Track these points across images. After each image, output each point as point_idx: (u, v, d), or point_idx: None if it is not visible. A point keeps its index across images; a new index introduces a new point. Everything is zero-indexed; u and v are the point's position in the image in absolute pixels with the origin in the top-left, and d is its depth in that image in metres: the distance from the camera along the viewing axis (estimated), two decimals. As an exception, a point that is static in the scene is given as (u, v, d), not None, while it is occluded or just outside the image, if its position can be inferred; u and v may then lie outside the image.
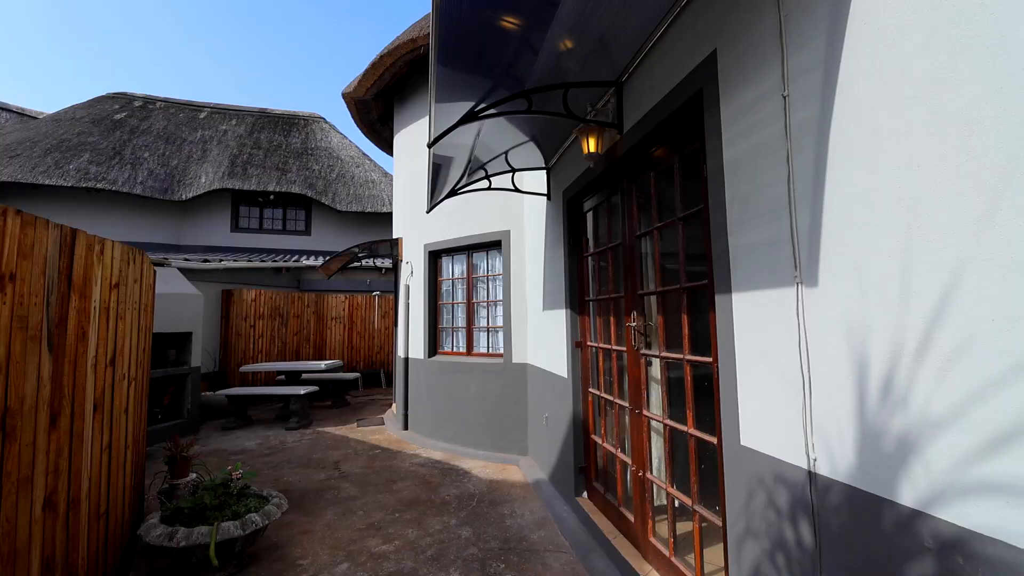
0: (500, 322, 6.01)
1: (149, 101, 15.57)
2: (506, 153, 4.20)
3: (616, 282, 3.38)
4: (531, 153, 4.47)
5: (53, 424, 2.20)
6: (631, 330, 2.95)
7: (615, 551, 3.02)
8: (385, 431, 7.25)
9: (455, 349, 6.51)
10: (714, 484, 2.22)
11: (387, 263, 12.50)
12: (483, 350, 6.19)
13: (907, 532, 1.25)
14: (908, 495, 1.25)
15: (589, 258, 3.89)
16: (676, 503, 2.58)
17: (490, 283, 6.21)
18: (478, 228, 6.14)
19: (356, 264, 11.99)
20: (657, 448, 2.90)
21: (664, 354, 2.63)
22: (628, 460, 3.09)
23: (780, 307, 1.68)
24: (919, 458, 1.23)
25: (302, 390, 7.79)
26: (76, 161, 12.06)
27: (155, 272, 4.09)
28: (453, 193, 4.36)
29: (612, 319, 3.35)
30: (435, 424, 6.40)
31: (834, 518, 1.46)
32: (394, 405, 8.27)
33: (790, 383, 1.63)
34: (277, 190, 13.75)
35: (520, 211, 5.80)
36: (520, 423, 5.56)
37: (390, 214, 14.12)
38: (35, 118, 14.07)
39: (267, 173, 14.14)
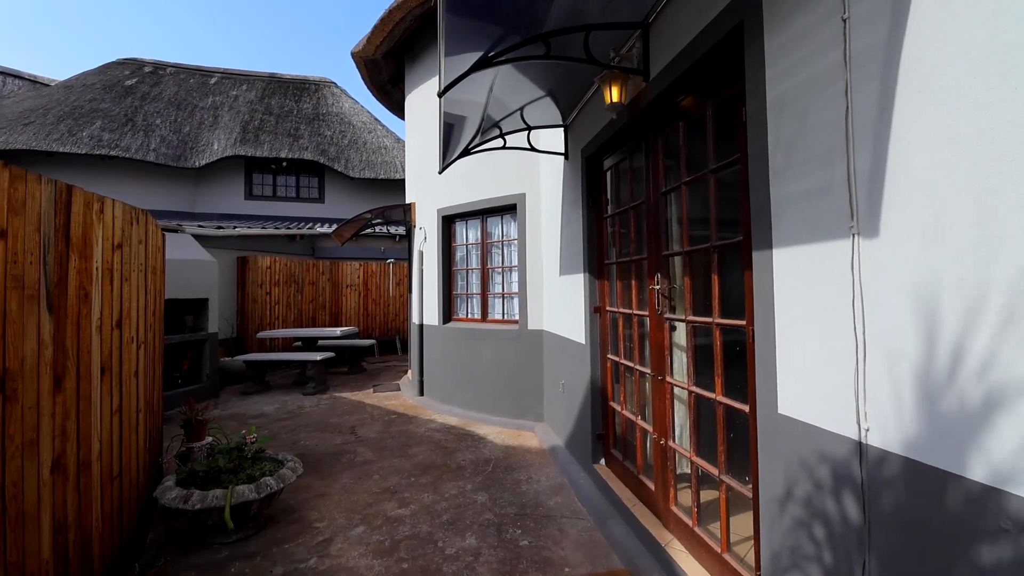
0: (515, 288, 5.88)
1: (159, 67, 15.34)
2: (521, 110, 3.97)
3: (638, 244, 3.20)
4: (548, 109, 4.23)
5: (57, 386, 2.14)
6: (655, 293, 2.79)
7: (634, 518, 2.94)
8: (401, 397, 7.28)
9: (470, 315, 6.42)
10: (743, 453, 2.10)
11: (401, 230, 12.38)
12: (498, 316, 6.09)
13: (978, 510, 1.11)
14: (980, 470, 1.11)
15: (609, 220, 3.70)
16: (700, 472, 2.47)
17: (505, 248, 6.05)
18: (492, 192, 5.94)
19: (369, 231, 11.90)
20: (680, 416, 2.78)
21: (691, 318, 2.47)
22: (649, 428, 2.98)
23: (830, 262, 1.50)
24: (995, 429, 1.07)
25: (318, 356, 7.83)
26: (89, 128, 12.01)
27: (164, 235, 4.01)
28: (466, 153, 4.16)
29: (634, 283, 3.18)
30: (451, 390, 6.38)
31: (887, 493, 1.32)
32: (409, 371, 8.29)
33: (839, 347, 1.47)
34: (289, 156, 13.60)
35: (536, 173, 5.58)
36: (536, 390, 5.50)
37: (403, 181, 13.90)
38: (47, 85, 13.99)
39: (279, 139, 13.97)
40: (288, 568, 2.80)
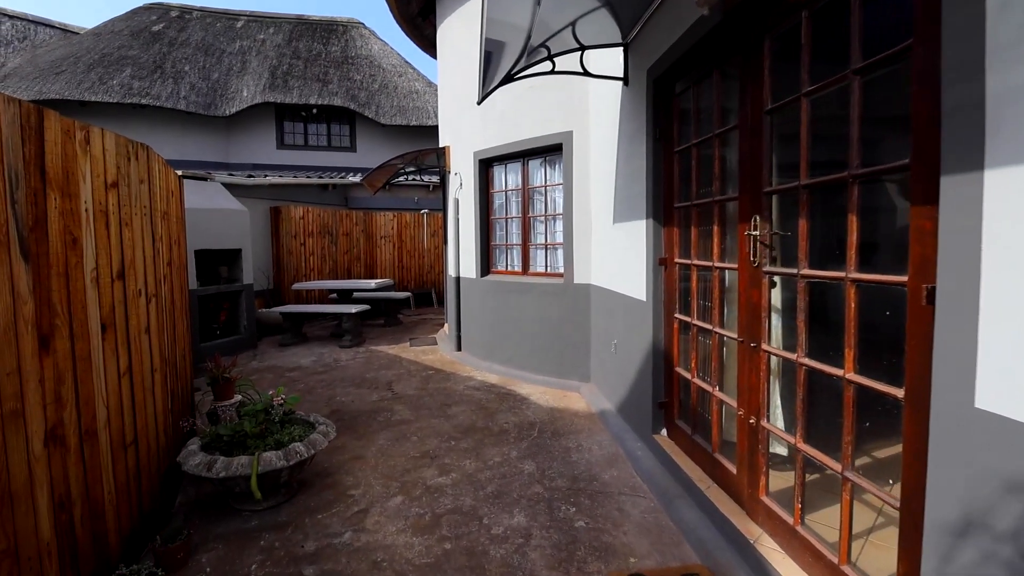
0: (560, 238, 5.36)
1: (185, 11, 14.84)
2: (573, 25, 3.32)
3: (724, 180, 2.62)
4: (604, 25, 3.56)
5: (44, 347, 1.83)
6: (750, 241, 2.24)
7: (708, 502, 2.53)
8: (438, 351, 7.02)
9: (510, 268, 5.97)
10: (882, 449, 1.61)
11: (435, 179, 11.87)
12: (540, 269, 5.61)
13: None
14: None
15: (680, 154, 3.10)
16: (806, 462, 2.00)
17: (548, 194, 5.49)
18: (535, 130, 5.32)
19: (402, 180, 11.45)
20: (780, 392, 2.30)
21: (807, 272, 1.93)
22: (731, 402, 2.51)
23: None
24: None
25: (354, 309, 7.62)
26: (119, 76, 11.78)
27: (181, 179, 3.65)
28: (509, 79, 3.56)
29: (715, 229, 2.63)
30: (489, 346, 6.05)
31: None
32: (446, 325, 8.02)
33: None
34: (319, 103, 13.10)
35: (585, 108, 4.92)
36: (582, 348, 5.08)
37: (436, 128, 13.24)
38: (77, 33, 13.75)
39: (308, 85, 13.44)
40: (321, 543, 2.55)
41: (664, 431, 3.34)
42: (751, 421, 2.28)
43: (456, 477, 3.24)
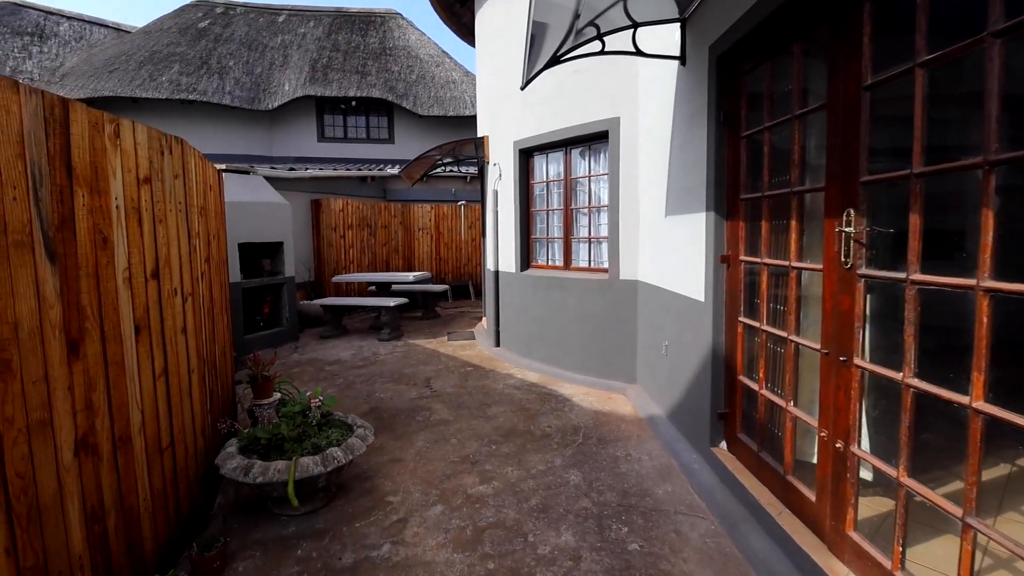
0: (604, 231, 5.08)
1: (230, 7, 15.14)
2: (624, 0, 3.04)
3: (804, 168, 2.31)
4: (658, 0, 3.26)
5: (74, 352, 1.74)
6: (840, 239, 1.94)
7: (780, 530, 2.26)
8: (476, 346, 6.89)
9: (551, 262, 5.74)
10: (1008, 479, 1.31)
11: (472, 170, 11.71)
12: (583, 264, 5.36)
13: None
14: None
15: (748, 140, 2.78)
16: (910, 498, 1.71)
17: (593, 185, 5.21)
18: (578, 117, 5.04)
19: (439, 171, 11.34)
20: (875, 414, 2.00)
21: (919, 277, 1.63)
22: (810, 420, 2.22)
23: None
24: None
25: (392, 302, 7.58)
26: (168, 73, 12.12)
27: (220, 173, 3.60)
28: (555, 61, 3.31)
29: (793, 223, 2.32)
30: (529, 343, 5.85)
31: None
32: (484, 319, 7.87)
33: None
34: (358, 95, 13.15)
35: (633, 91, 4.60)
36: (627, 347, 4.81)
37: (474, 118, 13.05)
38: (129, 32, 14.25)
39: (347, 77, 13.50)
40: (358, 556, 2.43)
41: (724, 444, 3.06)
42: (837, 445, 2.00)
43: (498, 486, 3.07)
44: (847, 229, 1.90)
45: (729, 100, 2.91)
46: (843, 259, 1.94)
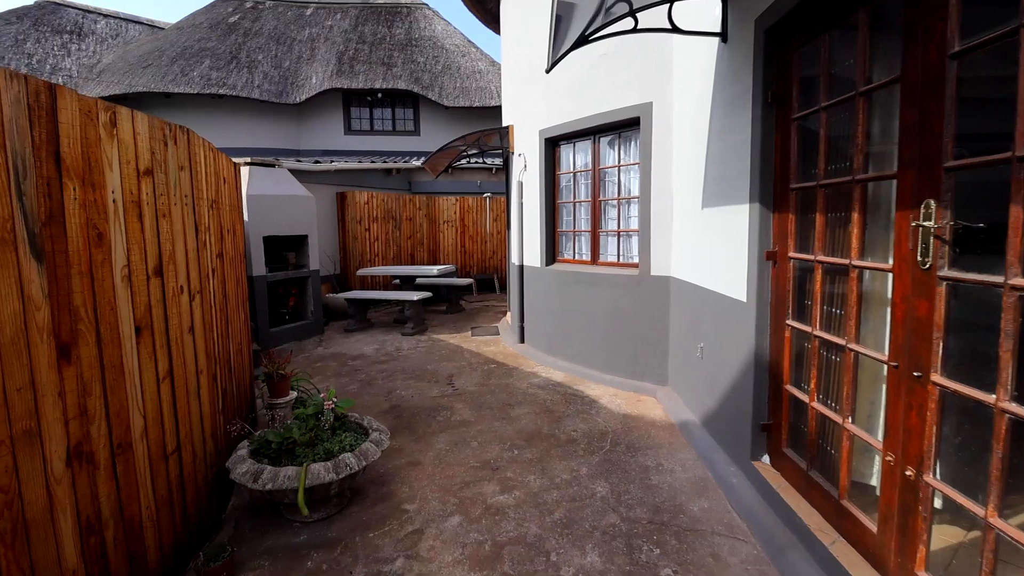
0: (635, 224, 4.82)
1: (259, 2, 15.25)
2: (661, -29, 2.76)
3: (870, 154, 2.02)
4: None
5: (65, 356, 1.63)
6: (917, 234, 1.66)
7: (832, 561, 2.01)
8: (500, 342, 6.72)
9: (577, 256, 5.51)
10: None
11: (498, 162, 11.51)
12: (612, 259, 5.10)
13: None
14: None
15: (801, 122, 2.49)
16: (1001, 541, 1.45)
17: (622, 175, 4.94)
18: (608, 104, 4.77)
19: (464, 163, 11.18)
20: (957, 441, 1.73)
21: (1020, 281, 1.35)
22: (872, 441, 1.96)
23: None
24: None
25: (415, 296, 7.47)
26: (199, 68, 12.28)
27: (234, 164, 3.50)
28: (583, 41, 3.05)
29: (856, 216, 2.04)
30: (554, 340, 5.64)
31: None
32: (508, 314, 7.70)
33: None
34: (384, 86, 13.06)
35: (667, 74, 4.30)
36: (658, 347, 4.55)
37: (500, 108, 12.83)
38: (163, 28, 14.52)
39: (373, 69, 13.43)
40: (370, 570, 2.30)
41: (766, 458, 2.80)
42: (907, 473, 1.73)
43: (519, 496, 2.89)
44: (926, 223, 1.63)
45: (778, 78, 2.62)
46: (920, 258, 1.66)
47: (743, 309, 2.89)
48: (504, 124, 6.87)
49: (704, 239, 3.59)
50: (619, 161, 4.93)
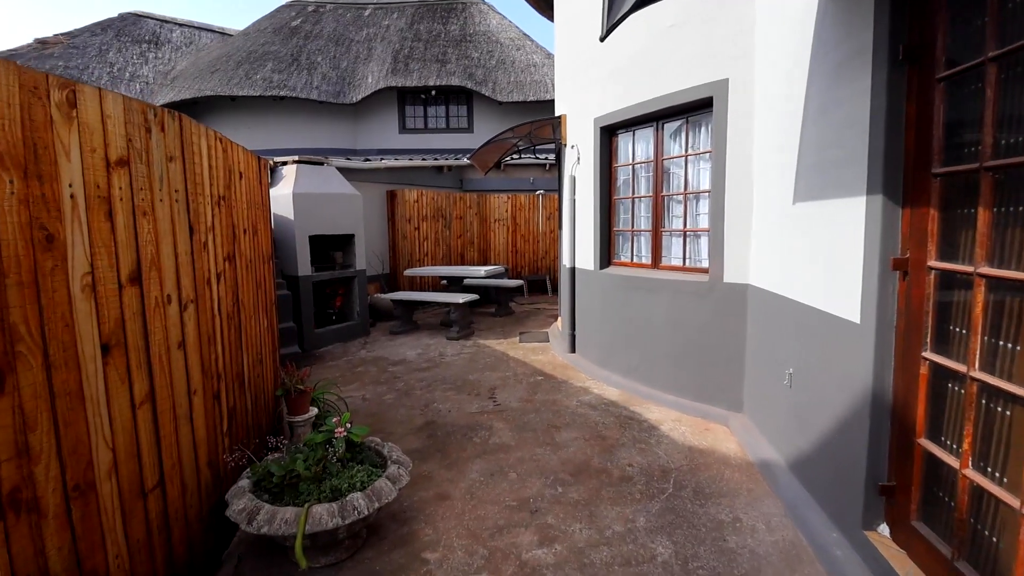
0: (704, 223, 4.17)
1: (320, 5, 15.55)
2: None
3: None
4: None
5: (-8, 389, 1.30)
6: None
7: None
8: (549, 351, 6.23)
9: (636, 259, 4.91)
10: None
11: (551, 158, 10.99)
12: (676, 262, 4.48)
13: None
14: None
15: (951, 83, 1.83)
16: None
17: (690, 166, 4.30)
18: (673, 83, 4.15)
19: (514, 159, 10.75)
20: None
21: None
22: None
23: None
24: None
25: (461, 299, 7.12)
26: (262, 71, 12.60)
27: (258, 158, 3.23)
28: (642, 2, 2.51)
29: (1053, 210, 1.39)
30: (608, 351, 5.08)
31: None
32: (559, 319, 7.19)
33: None
34: (437, 83, 12.88)
35: (748, 46, 3.64)
36: (731, 366, 3.90)
37: (554, 102, 12.33)
38: (231, 35, 15.11)
39: (427, 66, 13.29)
40: (374, 642, 1.89)
41: (885, 529, 2.15)
42: None
43: (561, 552, 2.40)
44: None
45: (913, 27, 1.97)
46: None
47: (855, 332, 2.24)
48: (556, 114, 6.36)
49: (796, 241, 2.93)
50: (686, 150, 4.30)
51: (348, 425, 2.48)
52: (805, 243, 2.79)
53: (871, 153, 2.12)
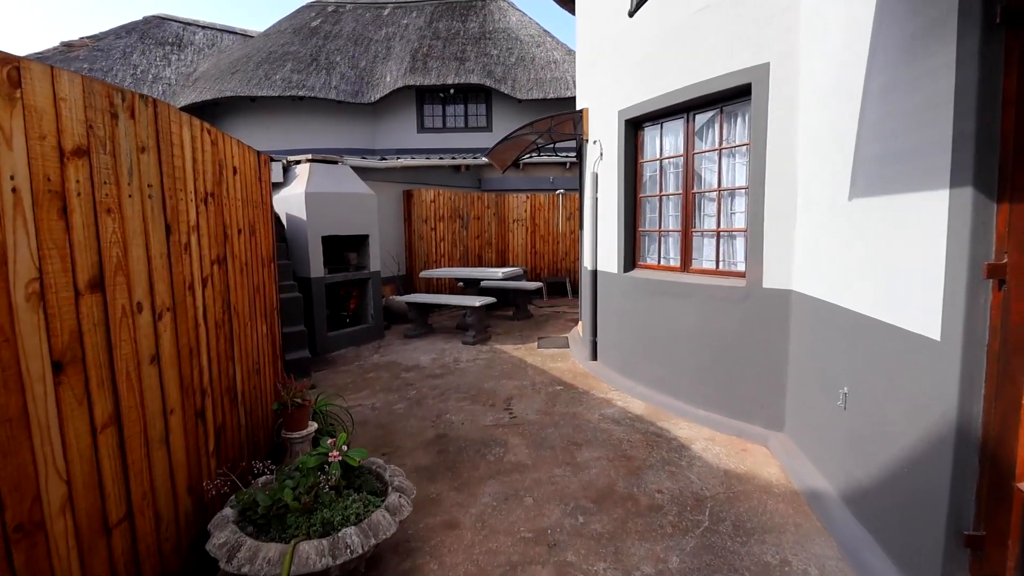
0: (740, 222, 3.83)
1: (340, 5, 15.52)
2: None
3: None
4: None
5: None
6: None
7: None
8: (569, 357, 5.92)
9: (663, 262, 4.58)
10: None
11: (571, 156, 10.67)
12: (708, 265, 4.13)
13: None
14: None
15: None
16: None
17: (724, 160, 3.96)
18: (706, 71, 3.81)
19: (532, 157, 10.46)
20: None
21: None
22: None
23: None
24: None
25: (477, 302, 6.86)
26: (281, 71, 12.57)
27: (258, 154, 3.02)
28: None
29: None
30: (633, 361, 4.76)
31: None
32: (580, 324, 6.87)
33: None
34: (456, 81, 12.67)
35: (792, 24, 3.29)
36: (770, 380, 3.54)
37: (575, 99, 12.00)
38: (252, 36, 15.17)
39: (445, 65, 13.10)
40: None
41: (974, 586, 1.80)
42: None
43: (582, 595, 2.11)
44: None
45: (1017, -15, 1.62)
46: None
47: (932, 351, 1.90)
48: (578, 108, 6.05)
49: (852, 242, 2.58)
50: (720, 143, 3.95)
51: (345, 447, 2.22)
52: (864, 245, 2.44)
53: (957, 138, 1.78)
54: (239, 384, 2.62)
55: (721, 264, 4.00)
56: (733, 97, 3.76)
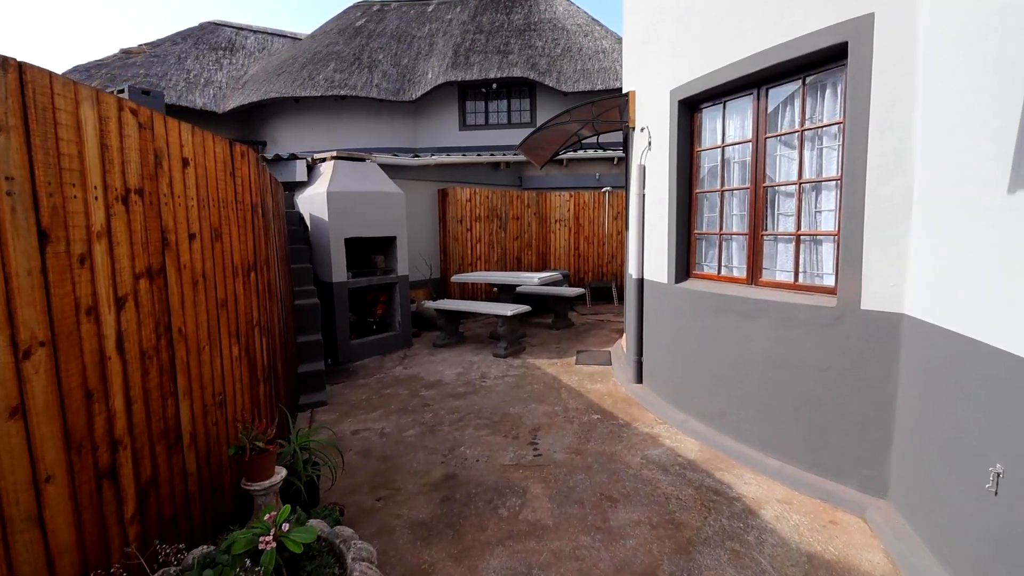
0: (829, 223, 3.01)
1: (385, 4, 15.37)
2: None
3: None
4: None
5: None
6: None
7: None
8: (610, 377, 5.20)
9: (724, 272, 3.79)
10: None
11: (619, 152, 9.84)
12: (784, 277, 3.32)
13: None
14: None
15: None
16: None
17: (807, 146, 3.13)
18: (782, 33, 3.01)
19: (578, 153, 9.72)
20: None
21: None
22: None
23: None
24: None
25: (509, 310, 6.25)
26: (324, 71, 12.48)
27: (227, 142, 2.53)
28: None
29: None
30: (685, 388, 3.99)
31: None
32: (624, 337, 6.12)
33: None
34: (499, 76, 12.12)
35: (909, -39, 2.45)
36: (869, 430, 2.71)
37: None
38: (300, 39, 15.28)
39: (488, 59, 12.58)
40: None
41: None
42: None
43: None
44: None
45: None
46: None
47: None
48: (624, 91, 5.31)
49: (1014, 254, 1.76)
50: (802, 123, 3.13)
51: (285, 526, 1.67)
52: (1043, 258, 1.63)
53: None
54: (187, 424, 2.13)
55: (801, 276, 3.18)
56: (821, 63, 2.93)
